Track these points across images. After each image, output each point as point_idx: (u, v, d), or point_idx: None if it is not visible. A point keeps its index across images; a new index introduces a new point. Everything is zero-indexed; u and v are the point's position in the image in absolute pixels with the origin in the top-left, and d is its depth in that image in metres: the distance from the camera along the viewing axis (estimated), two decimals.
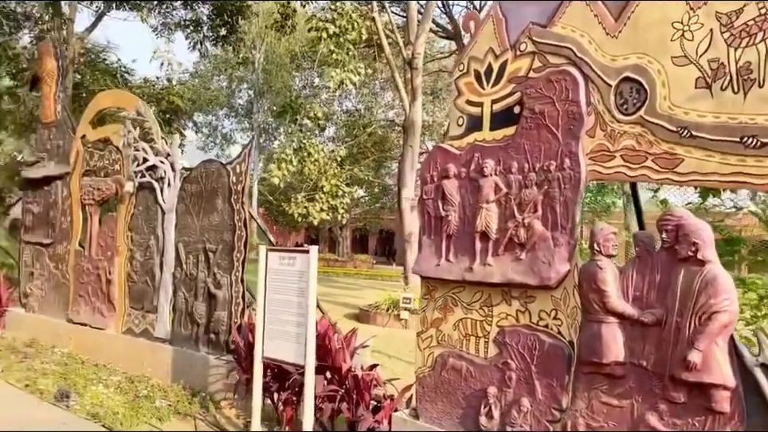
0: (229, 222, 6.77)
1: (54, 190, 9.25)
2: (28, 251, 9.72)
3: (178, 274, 7.33)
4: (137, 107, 7.94)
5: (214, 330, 6.76)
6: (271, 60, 30.68)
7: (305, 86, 37.67)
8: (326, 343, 5.22)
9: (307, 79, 38.09)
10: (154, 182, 7.67)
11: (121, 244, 8.10)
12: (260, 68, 31.60)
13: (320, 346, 5.07)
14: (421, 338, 4.72)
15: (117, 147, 8.26)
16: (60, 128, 9.31)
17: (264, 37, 27.79)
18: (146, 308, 7.69)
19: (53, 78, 9.33)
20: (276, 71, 31.03)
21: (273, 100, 32.05)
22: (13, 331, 9.39)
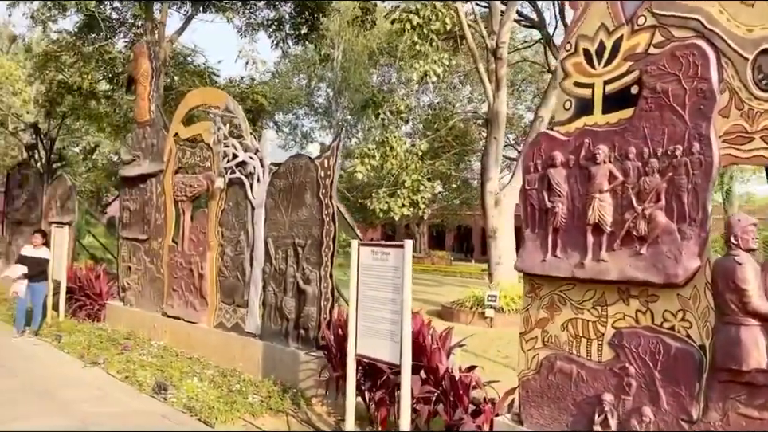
0: (318, 217, 6.70)
1: (149, 187, 9.54)
2: (125, 247, 10.10)
3: (267, 269, 7.34)
4: (226, 104, 8.02)
5: (304, 325, 6.71)
6: (349, 58, 30.84)
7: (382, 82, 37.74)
8: (420, 342, 5.02)
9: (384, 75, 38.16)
10: (243, 178, 7.72)
11: (212, 239, 8.23)
12: (339, 65, 31.86)
13: (415, 344, 4.86)
14: (525, 339, 4.42)
15: (208, 144, 8.39)
16: (154, 127, 9.60)
17: (342, 35, 28.00)
18: (236, 302, 7.76)
19: (148, 79, 9.62)
20: (354, 68, 31.17)
21: (351, 97, 32.24)
22: (113, 324, 9.78)
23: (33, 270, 9.45)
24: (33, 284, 9.47)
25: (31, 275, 9.43)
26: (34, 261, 9.57)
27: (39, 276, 9.61)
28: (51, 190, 13.14)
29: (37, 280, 9.57)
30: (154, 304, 9.25)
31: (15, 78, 28.30)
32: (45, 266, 9.76)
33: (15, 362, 7.65)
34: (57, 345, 8.45)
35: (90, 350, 8.00)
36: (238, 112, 7.89)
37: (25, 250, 9.87)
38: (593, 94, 4.06)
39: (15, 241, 14.76)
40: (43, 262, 9.75)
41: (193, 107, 8.86)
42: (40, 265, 9.64)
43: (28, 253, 9.70)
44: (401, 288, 4.60)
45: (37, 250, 9.77)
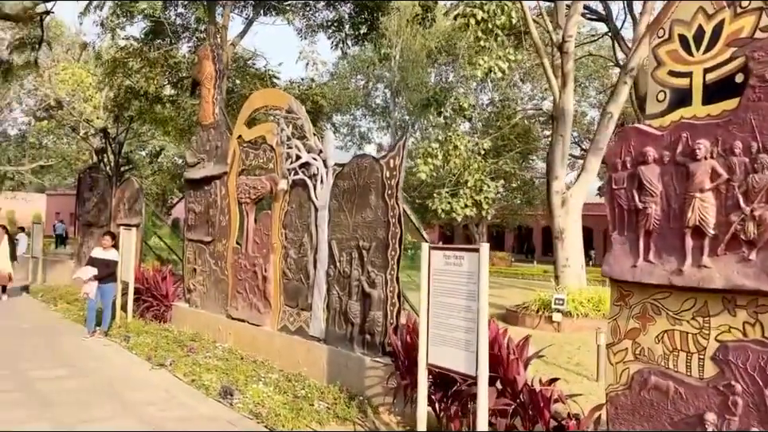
0: (383, 219, 6.50)
1: (213, 189, 9.60)
2: (190, 248, 10.20)
3: (331, 272, 7.20)
4: (289, 105, 7.94)
5: (369, 330, 6.53)
6: (406, 58, 30.68)
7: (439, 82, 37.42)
8: (496, 351, 4.74)
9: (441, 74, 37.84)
10: (307, 180, 7.62)
11: (276, 241, 8.17)
12: (397, 65, 31.73)
13: (490, 354, 4.59)
14: (613, 351, 4.08)
15: (271, 146, 8.34)
16: (218, 130, 9.65)
17: (400, 34, 27.86)
18: (300, 305, 7.66)
19: (212, 81, 9.68)
20: (412, 68, 30.98)
21: (409, 97, 32.05)
22: (178, 325, 9.89)
23: (102, 272, 9.66)
24: (102, 285, 9.67)
25: (101, 276, 9.63)
26: (104, 263, 9.77)
27: (108, 278, 9.81)
28: (119, 192, 13.49)
29: (107, 282, 9.77)
30: (219, 305, 9.29)
31: (86, 85, 29.53)
32: (114, 268, 9.95)
33: (86, 362, 7.80)
34: (126, 346, 8.59)
35: (157, 351, 8.07)
36: (301, 113, 7.80)
37: (95, 252, 10.09)
38: (691, 84, 3.69)
39: (86, 242, 15.24)
40: (112, 264, 9.93)
41: (257, 109, 8.85)
42: (109, 267, 9.84)
43: (98, 255, 9.92)
44: (477, 295, 4.35)
45: (106, 252, 9.97)
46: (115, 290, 10.11)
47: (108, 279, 9.81)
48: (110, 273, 9.85)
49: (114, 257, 10.02)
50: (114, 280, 9.98)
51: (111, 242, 10.15)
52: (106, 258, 9.89)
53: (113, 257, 10.03)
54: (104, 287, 9.71)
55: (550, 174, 14.28)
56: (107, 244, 10.06)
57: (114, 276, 9.98)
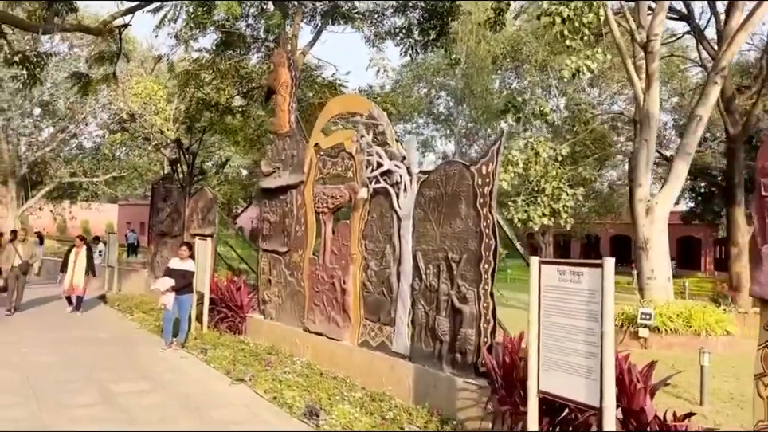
0: (475, 229, 6.08)
1: (289, 199, 9.40)
2: (265, 259, 10.04)
3: (417, 285, 6.81)
4: (370, 110, 7.64)
5: (461, 349, 6.10)
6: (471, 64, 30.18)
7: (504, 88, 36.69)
8: (619, 378, 4.22)
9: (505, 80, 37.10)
10: (389, 188, 7.28)
11: (355, 252, 7.86)
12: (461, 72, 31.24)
13: None
14: (763, 382, 3.52)
15: (350, 153, 8.06)
16: (294, 138, 9.46)
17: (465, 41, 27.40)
18: (382, 320, 7.31)
19: (287, 89, 9.52)
20: (477, 74, 30.43)
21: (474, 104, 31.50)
22: (254, 337, 9.72)
23: (179, 283, 9.53)
24: (179, 296, 9.56)
25: (178, 288, 9.51)
26: (181, 274, 9.64)
27: (185, 289, 9.70)
28: (192, 203, 13.56)
29: (184, 293, 9.66)
30: (295, 318, 9.06)
31: (157, 98, 30.38)
32: (190, 279, 9.85)
33: (164, 375, 7.68)
34: (203, 359, 8.45)
35: (235, 365, 7.87)
36: (383, 119, 7.48)
37: (173, 263, 9.96)
38: None
39: (160, 251, 15.44)
40: (189, 275, 9.84)
41: (335, 115, 8.59)
42: (186, 278, 9.71)
43: (175, 266, 9.80)
44: (601, 316, 3.86)
45: (183, 263, 9.82)
46: (192, 301, 10.01)
47: (185, 290, 9.71)
48: (187, 284, 9.75)
49: (191, 268, 9.91)
50: (191, 291, 9.88)
51: (188, 253, 9.99)
52: (183, 269, 9.73)
53: (190, 267, 9.89)
54: (181, 298, 9.62)
55: (633, 182, 13.48)
56: (184, 254, 9.90)
57: (191, 288, 9.88)
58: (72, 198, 41.97)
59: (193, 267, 9.99)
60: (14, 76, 12.35)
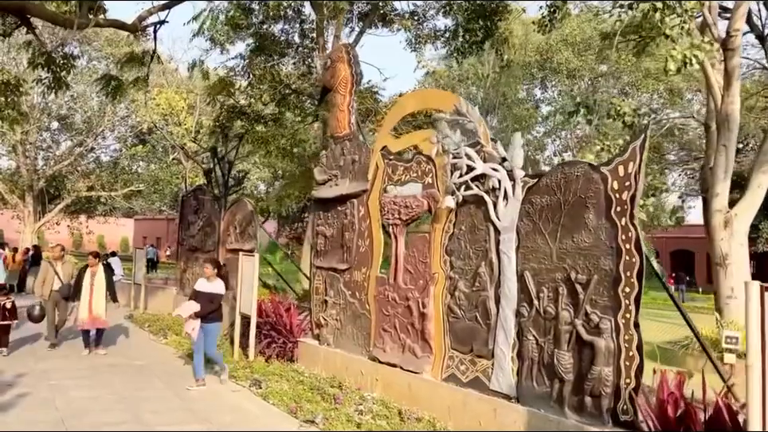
0: (609, 244, 4.98)
1: (350, 209, 8.34)
2: (319, 277, 8.96)
3: (525, 311, 5.70)
4: (456, 105, 6.58)
5: (592, 391, 4.97)
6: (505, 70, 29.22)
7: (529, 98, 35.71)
8: None
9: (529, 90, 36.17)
10: (483, 195, 6.19)
11: (437, 270, 6.77)
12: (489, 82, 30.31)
13: None
14: None
15: (428, 157, 7.00)
16: (355, 141, 8.42)
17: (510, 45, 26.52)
18: (476, 351, 6.19)
19: (347, 87, 8.49)
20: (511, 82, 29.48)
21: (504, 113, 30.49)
22: (308, 365, 8.62)
23: (206, 307, 8.03)
24: (205, 324, 8.04)
25: (203, 313, 8.01)
26: (207, 297, 8.14)
27: (212, 315, 8.18)
28: (229, 215, 12.54)
29: (211, 320, 8.15)
30: (359, 345, 7.96)
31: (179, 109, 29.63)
32: (218, 303, 8.31)
33: (220, 415, 6.59)
34: (258, 393, 7.36)
35: (299, 402, 6.78)
36: (473, 115, 6.42)
37: (199, 284, 8.43)
38: None
39: (190, 268, 14.42)
40: (216, 298, 8.28)
41: (409, 113, 7.56)
42: (213, 302, 8.16)
43: (202, 288, 8.29)
44: None
45: (211, 284, 8.33)
46: (220, 330, 8.58)
47: (212, 316, 8.17)
48: (214, 310, 8.21)
49: (219, 290, 8.35)
50: (219, 318, 8.43)
51: (214, 271, 8.41)
52: (210, 291, 8.22)
53: (218, 289, 8.33)
54: (208, 326, 8.07)
55: (709, 191, 12.34)
56: (210, 272, 8.34)
57: (219, 314, 8.42)
58: (89, 213, 41.32)
59: (222, 289, 8.44)
60: (38, 79, 11.44)
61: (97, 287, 10.07)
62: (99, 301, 10.02)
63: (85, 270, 10.20)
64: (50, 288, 10.11)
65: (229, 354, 9.60)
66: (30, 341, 10.60)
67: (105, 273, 10.35)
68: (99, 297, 10.03)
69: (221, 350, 9.53)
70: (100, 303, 10.03)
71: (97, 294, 10.02)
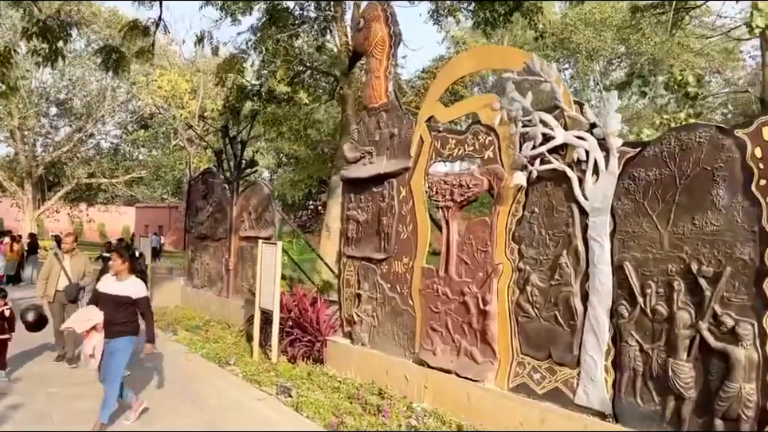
0: (749, 227, 3.93)
1: (388, 191, 7.27)
2: (351, 268, 7.91)
3: (624, 311, 4.65)
4: (527, 63, 5.49)
5: (725, 413, 3.96)
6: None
7: None
8: None
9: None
10: (565, 170, 5.13)
11: (502, 261, 5.72)
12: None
13: None
14: None
15: (489, 126, 5.93)
16: (393, 112, 7.34)
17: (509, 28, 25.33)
18: (555, 357, 5.16)
19: (384, 50, 7.40)
20: None
21: None
22: (339, 368, 7.60)
23: (113, 317, 5.51)
24: (111, 341, 5.46)
25: (111, 326, 5.49)
26: (116, 303, 5.54)
27: (123, 327, 5.53)
28: (242, 200, 11.49)
29: (120, 334, 5.49)
30: (400, 345, 6.93)
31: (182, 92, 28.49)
32: (133, 311, 5.66)
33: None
34: (289, 403, 6.33)
35: (340, 416, 5.76)
36: (550, 74, 5.33)
37: (105, 284, 5.73)
38: None
39: (199, 257, 13.42)
40: (130, 305, 5.60)
41: (462, 76, 6.48)
42: (124, 309, 5.58)
43: (108, 289, 5.63)
44: None
45: (122, 283, 5.64)
46: (133, 347, 5.69)
47: (122, 329, 5.52)
48: (126, 321, 5.57)
49: (135, 293, 5.63)
50: (133, 331, 5.64)
51: (126, 264, 5.68)
52: (120, 294, 5.56)
53: (133, 291, 5.63)
54: (115, 344, 5.46)
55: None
56: (121, 267, 5.65)
57: (134, 325, 5.67)
58: (90, 201, 40.27)
59: (141, 290, 5.71)
60: (33, 50, 10.35)
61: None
62: None
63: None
64: (54, 287, 7.94)
65: (248, 353, 8.59)
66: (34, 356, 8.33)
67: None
68: None
69: (235, 353, 8.52)
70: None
71: None
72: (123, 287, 5.64)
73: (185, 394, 6.71)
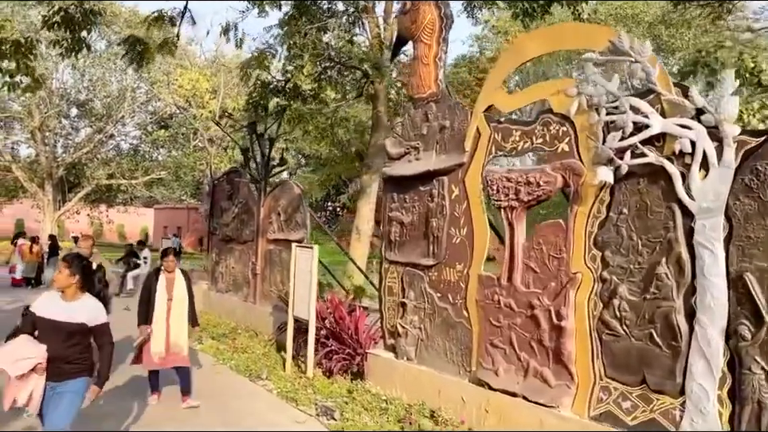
0: None
1: (438, 189, 6.55)
2: (394, 274, 7.20)
3: (747, 331, 3.89)
4: (613, 42, 4.74)
5: None
6: None
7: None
8: None
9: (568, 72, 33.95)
10: (664, 163, 4.38)
11: (580, 269, 4.98)
12: None
13: None
14: None
15: (562, 115, 5.20)
16: (445, 102, 6.63)
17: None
18: (651, 383, 4.40)
19: (434, 34, 6.69)
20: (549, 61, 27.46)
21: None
22: (382, 384, 6.87)
23: (61, 351, 4.01)
24: (58, 384, 4.02)
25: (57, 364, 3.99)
26: (64, 332, 4.02)
27: (75, 365, 4.08)
28: (270, 200, 10.84)
29: (70, 376, 4.06)
30: (454, 362, 6.20)
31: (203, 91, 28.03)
32: (87, 344, 4.16)
33: None
34: (333, 427, 5.64)
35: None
36: (643, 52, 4.58)
37: (46, 305, 4.12)
38: None
39: (224, 260, 12.80)
40: (84, 334, 4.11)
41: (529, 59, 5.75)
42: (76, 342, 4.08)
43: (52, 314, 4.04)
44: None
45: (70, 304, 4.09)
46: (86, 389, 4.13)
47: (74, 369, 4.07)
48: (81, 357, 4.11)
49: (91, 318, 4.12)
50: (86, 370, 4.15)
51: (75, 278, 4.11)
52: (70, 321, 4.03)
53: (88, 315, 4.11)
54: (63, 388, 4.04)
55: None
56: (66, 282, 4.10)
57: (89, 362, 4.16)
58: (110, 202, 40.06)
59: (98, 315, 4.17)
60: (55, 40, 9.80)
61: (177, 303, 6.48)
62: (181, 326, 6.46)
63: (157, 276, 6.57)
64: None
65: (280, 366, 7.92)
66: None
67: (187, 284, 6.65)
68: (181, 320, 6.48)
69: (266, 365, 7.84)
70: (182, 328, 6.46)
71: (177, 315, 6.45)
72: (73, 310, 4.04)
73: (216, 413, 6.06)
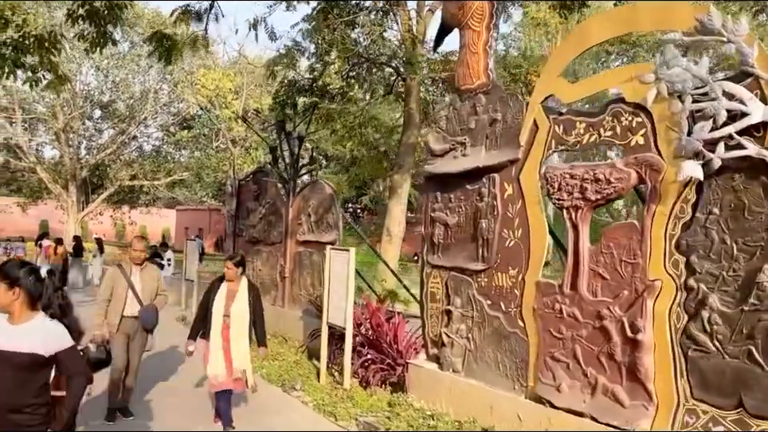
0: None
1: (487, 188, 6.05)
2: (437, 279, 6.70)
3: None
4: (700, 20, 4.21)
5: None
6: None
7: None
8: None
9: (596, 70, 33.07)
10: (767, 157, 3.84)
11: (660, 276, 4.45)
12: None
13: None
14: None
15: (636, 105, 4.67)
16: (496, 93, 6.12)
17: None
18: (750, 406, 3.86)
19: (482, 21, 6.20)
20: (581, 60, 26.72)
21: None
22: (425, 398, 6.38)
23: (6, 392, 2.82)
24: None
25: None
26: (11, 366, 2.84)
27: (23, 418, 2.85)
28: (300, 200, 10.41)
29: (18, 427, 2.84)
30: (507, 377, 5.69)
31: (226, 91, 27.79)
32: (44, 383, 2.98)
33: None
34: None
35: None
36: (737, 31, 4.04)
37: None
38: None
39: (250, 263, 12.36)
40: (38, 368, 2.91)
41: (597, 43, 5.24)
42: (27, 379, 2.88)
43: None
44: None
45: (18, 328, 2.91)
46: None
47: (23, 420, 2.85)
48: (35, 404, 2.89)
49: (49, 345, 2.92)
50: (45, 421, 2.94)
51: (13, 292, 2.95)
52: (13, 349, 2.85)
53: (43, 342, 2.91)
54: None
55: None
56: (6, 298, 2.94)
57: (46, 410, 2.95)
58: (132, 203, 40.11)
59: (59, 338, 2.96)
60: (80, 35, 9.48)
61: (236, 319, 5.52)
62: (242, 343, 5.53)
63: (218, 285, 5.66)
64: (121, 313, 5.72)
65: (314, 375, 7.47)
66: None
67: (251, 297, 5.65)
68: (242, 336, 5.53)
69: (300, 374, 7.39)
70: (243, 346, 5.53)
71: (238, 331, 5.51)
72: (20, 336, 2.88)
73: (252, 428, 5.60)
